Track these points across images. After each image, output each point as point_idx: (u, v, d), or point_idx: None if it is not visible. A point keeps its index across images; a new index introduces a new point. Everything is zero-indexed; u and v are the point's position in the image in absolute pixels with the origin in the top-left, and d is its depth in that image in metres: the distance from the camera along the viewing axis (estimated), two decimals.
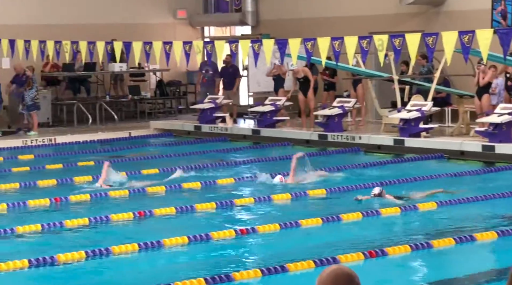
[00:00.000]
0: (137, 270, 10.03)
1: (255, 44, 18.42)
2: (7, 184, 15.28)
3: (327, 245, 10.69)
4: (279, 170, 15.72)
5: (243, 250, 10.91)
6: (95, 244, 10.76)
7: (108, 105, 23.91)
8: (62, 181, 15.56)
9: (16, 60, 21.80)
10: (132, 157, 18.57)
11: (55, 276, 9.73)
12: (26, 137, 21.60)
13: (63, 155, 19.36)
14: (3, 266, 9.70)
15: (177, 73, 26.86)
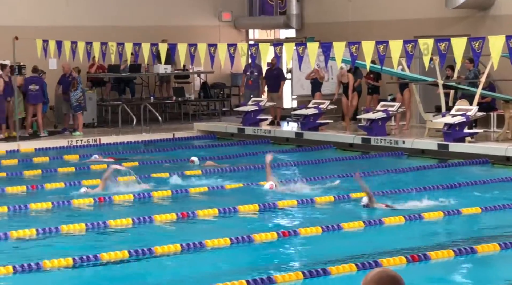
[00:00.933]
0: (179, 271, 10.08)
1: (300, 47, 18.42)
2: (53, 183, 15.45)
3: (369, 249, 10.65)
4: (321, 174, 15.70)
5: (285, 252, 10.92)
6: (138, 244, 10.84)
7: (153, 107, 24.06)
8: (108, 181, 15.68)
9: (63, 61, 22.03)
10: (176, 158, 18.66)
11: (99, 275, 9.82)
12: (72, 137, 21.82)
13: (108, 155, 19.49)
14: (48, 264, 9.82)
15: (221, 76, 26.95)
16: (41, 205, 13.45)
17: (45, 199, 13.80)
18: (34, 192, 14.80)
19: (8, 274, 9.57)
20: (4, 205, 13.33)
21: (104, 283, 9.55)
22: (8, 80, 21.65)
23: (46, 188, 15.11)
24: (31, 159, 18.97)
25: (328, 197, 13.81)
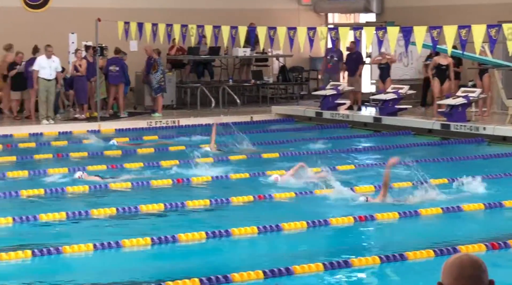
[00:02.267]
0: (256, 253, 10.13)
1: (380, 32, 18.24)
2: (132, 163, 15.65)
3: (447, 235, 10.54)
4: None
5: (362, 237, 10.89)
6: (215, 225, 10.93)
7: (231, 89, 24.15)
8: (184, 162, 15.84)
9: (144, 43, 22.25)
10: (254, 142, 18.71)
11: (176, 255, 9.93)
12: (151, 118, 22.07)
13: (186, 137, 19.68)
14: (127, 243, 9.97)
15: (300, 59, 26.89)
16: (120, 185, 13.64)
17: (125, 179, 14.00)
18: (114, 171, 15.01)
19: (88, 252, 9.75)
20: (85, 184, 13.56)
21: (181, 264, 9.64)
22: (92, 61, 22.00)
23: (125, 167, 15.33)
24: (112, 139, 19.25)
25: (406, 183, 13.68)
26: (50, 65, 20.87)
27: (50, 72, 20.88)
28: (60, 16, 24.11)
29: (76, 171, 14.37)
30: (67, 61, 23.51)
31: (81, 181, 13.81)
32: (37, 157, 16.52)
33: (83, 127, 20.80)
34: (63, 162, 16.05)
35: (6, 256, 9.42)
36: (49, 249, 9.63)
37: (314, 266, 8.93)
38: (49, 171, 14.86)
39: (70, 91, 23.18)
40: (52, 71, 20.90)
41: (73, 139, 19.51)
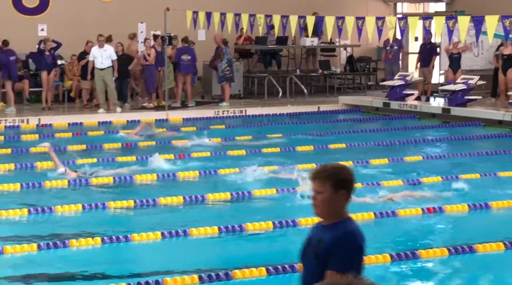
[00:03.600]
0: None
1: (450, 21, 18.03)
2: (199, 153, 15.74)
3: None
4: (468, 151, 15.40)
5: (430, 228, 10.78)
6: (281, 215, 10.92)
7: (298, 79, 24.11)
8: (251, 152, 15.89)
9: (212, 33, 22.35)
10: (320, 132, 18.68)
11: (243, 244, 9.95)
12: (218, 108, 22.15)
13: (253, 127, 19.73)
14: (194, 232, 10.04)
15: (368, 49, 26.70)
16: (188, 174, 13.72)
17: (192, 168, 14.09)
18: (182, 160, 15.11)
19: (156, 240, 9.84)
20: (153, 173, 13.67)
21: (248, 253, 9.66)
22: (160, 51, 22.16)
23: (192, 156, 15.43)
24: (179, 128, 19.43)
25: (473, 175, 13.51)
26: (102, 54, 21.07)
27: (101, 61, 21.08)
28: (130, 6, 24.34)
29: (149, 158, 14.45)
30: (136, 50, 23.75)
31: (65, 177, 13.34)
32: (106, 146, 16.71)
33: (151, 116, 20.98)
34: (132, 150, 16.21)
35: (76, 242, 9.56)
36: (118, 237, 9.74)
37: (381, 257, 8.87)
38: (117, 159, 15.03)
39: (139, 80, 23.45)
40: (104, 60, 21.07)
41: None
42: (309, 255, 4.55)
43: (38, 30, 23.28)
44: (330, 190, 4.50)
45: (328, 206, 4.52)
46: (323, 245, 4.46)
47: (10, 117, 19.87)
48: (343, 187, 4.51)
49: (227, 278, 8.30)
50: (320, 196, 4.52)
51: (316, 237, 4.54)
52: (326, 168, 4.57)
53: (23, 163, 14.64)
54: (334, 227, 4.50)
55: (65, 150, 16.14)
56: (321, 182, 4.51)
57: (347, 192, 4.53)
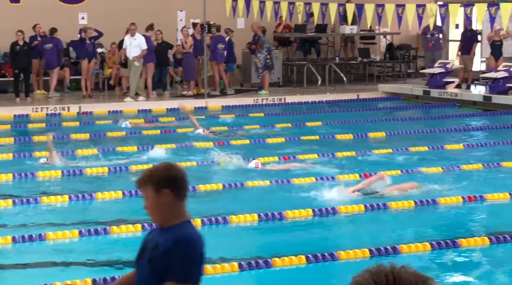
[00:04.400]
0: (362, 231, 10.08)
1: (492, 8, 17.84)
2: (239, 140, 15.76)
3: None
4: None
5: (471, 217, 10.71)
6: (321, 203, 10.92)
7: (337, 67, 24.04)
8: (290, 140, 15.89)
9: (251, 21, 22.34)
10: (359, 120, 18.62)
11: (283, 232, 9.96)
12: (257, 95, 22.16)
13: (292, 115, 19.72)
14: (234, 219, 10.07)
15: (408, 37, 26.53)
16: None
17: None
18: (221, 148, 15.13)
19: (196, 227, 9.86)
20: (193, 161, 13.70)
21: (287, 240, 9.66)
22: (199, 39, 22.21)
23: (232, 144, 15.45)
24: (218, 116, 19.49)
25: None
26: (131, 43, 21.09)
27: (129, 49, 21.11)
28: None
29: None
30: (175, 38, 23.84)
31: (47, 167, 13.14)
32: (145, 133, 16.79)
33: (190, 103, 21.04)
34: (170, 138, 16.27)
35: (117, 229, 9.63)
36: None
37: (421, 245, 8.84)
38: (157, 146, 15.10)
39: (179, 67, 23.54)
40: (132, 48, 21.06)
41: (180, 115, 19.75)
42: (143, 259, 4.33)
43: (79, 18, 23.43)
44: (153, 193, 4.28)
45: (157, 209, 4.30)
46: (159, 249, 4.24)
47: (51, 105, 20.05)
48: (165, 186, 4.27)
49: (267, 266, 8.32)
50: (148, 202, 4.32)
51: (153, 241, 4.32)
52: (145, 173, 4.35)
53: (64, 150, 14.76)
54: (170, 230, 4.28)
55: (105, 136, 16.26)
56: (144, 188, 4.31)
57: (173, 191, 4.28)
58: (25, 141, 16.02)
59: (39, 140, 15.99)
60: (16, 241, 9.16)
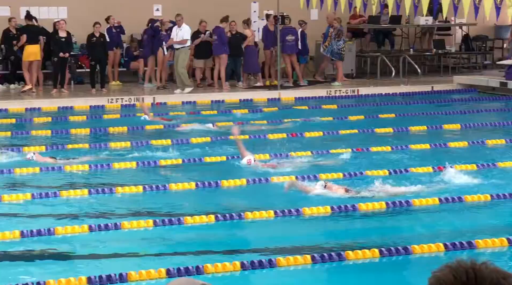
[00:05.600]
0: (435, 225, 9.95)
1: None
2: (312, 132, 15.71)
3: None
4: None
5: None
6: (395, 196, 10.83)
7: (412, 59, 23.79)
8: (363, 132, 15.80)
9: (325, 12, 22.24)
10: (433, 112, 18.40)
11: (355, 225, 9.91)
12: (331, 87, 22.08)
13: (365, 106, 19.60)
14: (307, 211, 10.04)
15: (485, 28, 26.12)
16: (301, 154, 13.70)
17: (305, 148, 14.05)
18: (294, 140, 15.13)
19: (269, 218, 9.88)
20: (266, 153, 13.67)
21: (360, 233, 9.61)
22: (273, 30, 22.20)
23: (305, 136, 15.43)
24: (291, 107, 19.48)
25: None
26: (177, 34, 21.10)
27: (176, 40, 21.04)
28: None
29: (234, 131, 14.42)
30: None
31: (33, 163, 12.87)
32: (219, 124, 16.87)
33: (263, 95, 21.09)
34: (243, 128, 16.29)
35: (191, 219, 9.70)
36: (231, 215, 9.84)
37: (498, 241, 8.69)
38: (230, 137, 15.14)
39: None
40: (178, 39, 21.02)
41: (253, 107, 19.82)
42: None
43: (154, 10, 23.63)
44: None
45: None
46: None
47: (126, 96, 20.28)
48: None
49: (340, 259, 8.28)
50: None
51: None
52: None
53: (138, 141, 14.93)
54: None
55: (179, 126, 16.39)
56: None
57: None
58: (101, 131, 16.24)
59: (114, 131, 16.20)
60: (93, 230, 9.29)
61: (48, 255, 8.60)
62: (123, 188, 11.27)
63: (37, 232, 9.15)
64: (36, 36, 21.08)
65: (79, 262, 8.45)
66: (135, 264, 8.18)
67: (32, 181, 11.90)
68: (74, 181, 11.87)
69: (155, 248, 8.83)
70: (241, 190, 11.52)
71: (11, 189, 11.36)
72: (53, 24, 21.59)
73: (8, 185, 11.67)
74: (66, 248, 8.81)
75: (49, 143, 14.82)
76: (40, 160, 13.00)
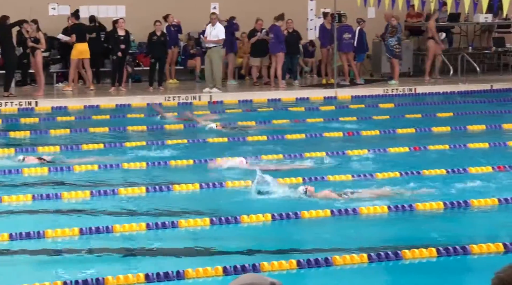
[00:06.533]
0: (493, 226, 9.84)
1: None
2: (368, 131, 15.62)
3: None
4: None
5: None
6: (453, 195, 10.73)
7: (470, 57, 23.54)
8: (420, 131, 15.69)
9: (382, 10, 22.11)
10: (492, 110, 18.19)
11: (413, 224, 9.84)
12: (387, 86, 21.94)
13: (423, 105, 19.44)
14: (364, 210, 10.00)
15: None
16: (357, 152, 13.65)
17: (361, 147, 14.00)
18: (351, 138, 15.08)
19: (325, 217, 9.86)
20: (322, 151, 13.65)
21: (418, 233, 9.52)
22: (329, 28, 22.13)
23: (362, 134, 15.36)
24: (347, 106, 19.42)
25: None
26: (210, 32, 21.08)
27: (209, 38, 20.96)
28: None
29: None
30: (305, 28, 23.87)
31: (24, 165, 12.73)
32: (275, 122, 16.88)
33: (320, 93, 21.04)
34: (300, 127, 16.27)
35: (247, 219, 9.72)
36: (288, 214, 9.83)
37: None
38: (286, 137, 15.15)
39: (309, 59, 23.63)
40: (211, 38, 20.92)
41: (310, 105, 19.79)
42: None
43: (211, 8, 23.72)
44: None
45: None
46: None
47: (183, 94, 20.39)
48: None
49: (397, 258, 8.23)
50: None
51: None
52: None
53: (195, 138, 15.00)
54: None
55: (235, 125, 16.42)
56: None
57: None
58: (157, 128, 16.34)
59: (171, 128, 16.30)
60: (150, 227, 9.36)
61: (106, 252, 8.69)
62: (180, 186, 11.33)
63: (96, 229, 9.25)
64: (84, 34, 21.30)
65: (136, 259, 8.52)
66: (192, 262, 8.23)
67: (90, 179, 12.02)
68: (132, 179, 11.95)
69: (212, 246, 8.87)
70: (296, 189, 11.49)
71: (70, 186, 11.50)
72: (112, 23, 21.82)
73: (68, 183, 11.81)
74: (124, 245, 8.89)
75: (107, 141, 14.97)
76: (30, 161, 12.90)
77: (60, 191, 11.09)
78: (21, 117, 17.88)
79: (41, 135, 15.81)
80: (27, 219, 9.98)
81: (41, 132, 16.04)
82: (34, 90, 20.66)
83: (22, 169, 12.40)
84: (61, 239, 9.08)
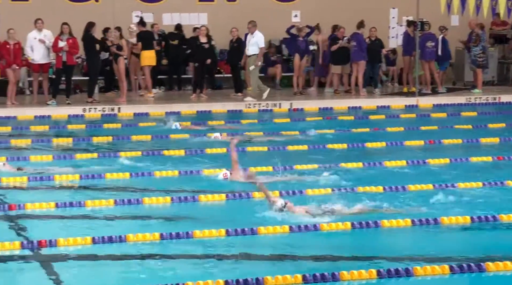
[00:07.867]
0: None
1: None
2: (450, 139, 15.41)
3: None
4: None
5: None
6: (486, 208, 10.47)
7: None
8: (504, 140, 15.42)
9: (466, 18, 21.82)
10: None
11: (497, 235, 9.65)
12: (470, 94, 21.63)
13: (507, 114, 19.10)
14: (445, 220, 9.85)
15: None
16: (438, 161, 13.43)
17: (443, 156, 13.75)
18: (432, 147, 14.91)
19: (406, 227, 9.75)
20: (403, 160, 13.47)
21: (500, 245, 9.31)
22: (413, 36, 21.91)
23: (443, 143, 15.16)
24: (429, 114, 19.22)
25: None
26: (249, 41, 20.95)
27: (248, 47, 20.96)
28: None
29: None
30: (386, 36, 23.71)
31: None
32: (355, 131, 16.79)
33: (401, 102, 20.87)
34: (381, 136, 16.13)
35: (327, 227, 9.66)
36: (367, 222, 9.74)
37: None
38: (367, 145, 15.04)
39: (390, 67, 23.50)
40: (249, 46, 20.89)
41: (391, 113, 19.63)
42: None
43: (292, 16, 23.73)
44: None
45: None
46: None
47: (264, 101, 20.42)
48: None
49: (480, 270, 8.08)
50: None
51: None
52: None
53: (276, 146, 14.97)
54: None
55: (314, 132, 16.36)
56: None
57: None
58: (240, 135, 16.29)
59: (251, 135, 16.31)
60: (229, 234, 9.38)
61: (186, 258, 8.74)
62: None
63: (176, 235, 9.31)
64: (150, 41, 21.46)
65: (217, 265, 8.53)
66: (271, 269, 8.20)
67: (172, 185, 12.10)
68: (209, 186, 11.94)
69: (291, 254, 8.84)
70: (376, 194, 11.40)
71: (151, 192, 11.60)
72: (193, 30, 22.00)
73: (149, 188, 11.92)
74: (203, 251, 8.92)
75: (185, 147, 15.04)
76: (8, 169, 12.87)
77: (141, 197, 11.20)
78: (104, 123, 18.16)
79: (123, 140, 16.01)
80: (109, 224, 10.11)
81: (123, 138, 16.24)
82: (117, 96, 20.97)
83: (105, 174, 12.58)
84: (141, 243, 9.16)
